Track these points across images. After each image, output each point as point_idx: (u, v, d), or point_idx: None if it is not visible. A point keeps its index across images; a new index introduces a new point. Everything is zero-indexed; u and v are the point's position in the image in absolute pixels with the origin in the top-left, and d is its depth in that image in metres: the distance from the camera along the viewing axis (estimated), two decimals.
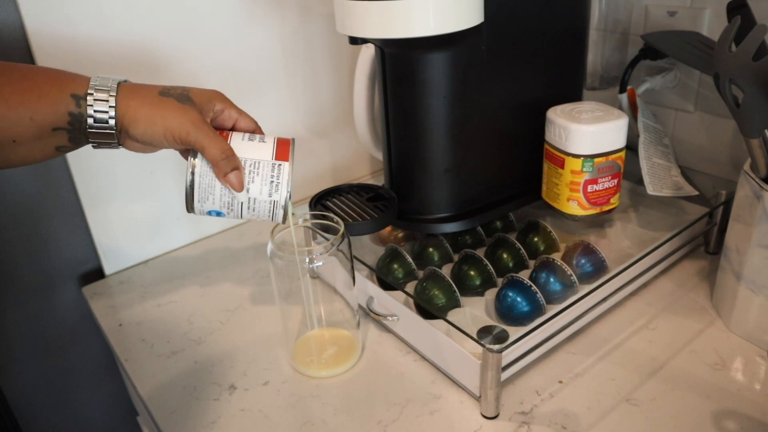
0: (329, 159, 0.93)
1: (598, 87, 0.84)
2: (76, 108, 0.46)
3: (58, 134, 0.46)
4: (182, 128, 0.48)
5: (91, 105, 0.46)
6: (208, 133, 0.48)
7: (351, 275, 0.59)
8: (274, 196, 0.51)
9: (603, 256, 0.64)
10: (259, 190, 0.51)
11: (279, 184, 0.51)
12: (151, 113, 0.47)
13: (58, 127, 0.46)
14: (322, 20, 0.83)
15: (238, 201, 0.51)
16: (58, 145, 0.47)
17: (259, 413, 0.55)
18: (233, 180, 0.50)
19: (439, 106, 0.63)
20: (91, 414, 0.87)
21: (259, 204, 0.52)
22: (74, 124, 0.46)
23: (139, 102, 0.47)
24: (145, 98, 0.48)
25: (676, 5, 0.76)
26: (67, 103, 0.45)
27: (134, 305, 0.71)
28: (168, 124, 0.47)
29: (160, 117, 0.47)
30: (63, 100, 0.45)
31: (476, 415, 0.53)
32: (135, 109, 0.47)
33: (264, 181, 0.51)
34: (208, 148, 0.48)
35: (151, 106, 0.47)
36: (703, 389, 0.54)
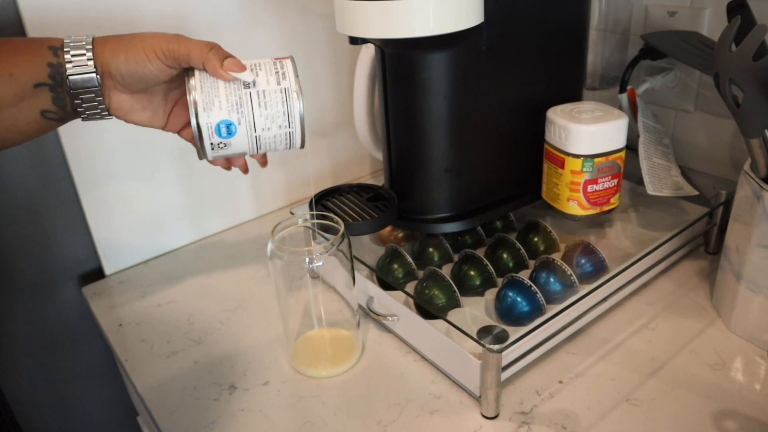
0: (329, 159, 0.93)
1: (598, 87, 0.84)
2: (54, 57, 0.45)
3: (41, 92, 0.45)
4: (162, 41, 0.46)
5: (68, 51, 0.45)
6: (189, 39, 0.47)
7: (351, 275, 0.59)
8: (283, 84, 0.47)
9: (603, 256, 0.64)
10: (266, 80, 0.47)
11: (286, 73, 0.47)
12: (128, 41, 0.46)
13: (40, 83, 0.44)
14: (322, 20, 0.83)
15: (246, 96, 0.47)
16: (43, 108, 0.46)
17: (259, 413, 0.55)
18: (231, 65, 0.47)
19: (439, 106, 0.63)
20: (91, 414, 0.87)
21: (271, 96, 0.47)
22: (55, 76, 0.45)
23: (114, 39, 0.46)
24: (119, 37, 0.47)
25: (676, 5, 0.76)
26: (44, 54, 0.45)
27: (134, 305, 0.71)
28: (146, 43, 0.46)
29: (137, 40, 0.46)
30: (40, 51, 0.45)
31: (476, 415, 0.53)
32: (111, 45, 0.46)
33: (269, 72, 0.47)
34: (194, 48, 0.47)
35: (124, 37, 0.47)
36: (703, 389, 0.54)
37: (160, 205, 0.78)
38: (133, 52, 0.46)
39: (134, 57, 0.46)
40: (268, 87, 0.48)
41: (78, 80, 0.45)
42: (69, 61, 0.45)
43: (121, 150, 0.73)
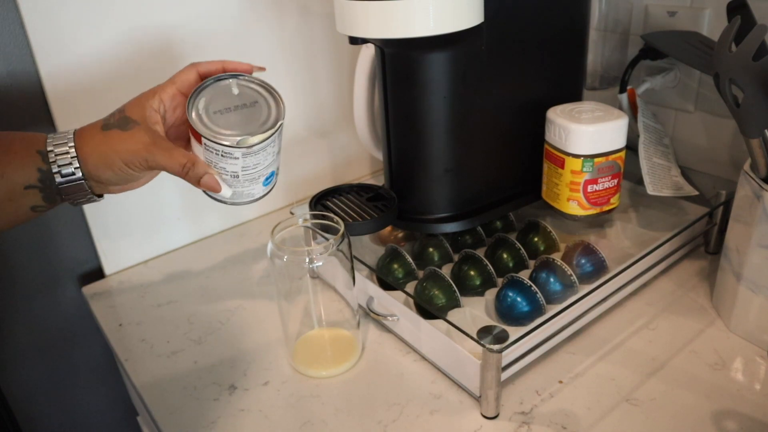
0: (329, 159, 0.93)
1: (598, 87, 0.84)
2: (44, 164, 0.46)
3: (31, 193, 0.46)
4: (137, 157, 0.47)
5: (54, 161, 0.46)
6: (161, 152, 0.48)
7: (351, 275, 0.59)
8: (239, 154, 0.49)
9: (603, 256, 0.64)
10: (232, 165, 0.50)
11: (226, 150, 0.49)
12: (105, 154, 0.47)
13: (30, 185, 0.46)
14: (322, 20, 0.83)
15: (239, 189, 0.51)
16: (33, 204, 0.47)
17: (259, 413, 0.55)
18: (208, 184, 0.49)
19: (439, 106, 0.63)
20: (91, 414, 0.87)
21: (246, 168, 0.50)
22: (44, 181, 0.46)
23: (91, 146, 0.47)
24: (94, 141, 0.47)
25: (676, 5, 0.76)
26: (34, 160, 0.46)
27: (134, 305, 0.71)
28: (123, 158, 0.47)
29: (113, 155, 0.47)
30: (30, 156, 0.46)
31: (476, 415, 0.53)
32: (92, 155, 0.47)
33: (221, 159, 0.49)
34: (168, 167, 0.48)
35: (101, 146, 0.47)
36: (703, 389, 0.54)
37: (160, 205, 0.78)
38: (116, 168, 0.48)
39: (119, 170, 0.48)
40: (243, 175, 0.51)
41: (68, 187, 0.47)
42: (57, 171, 0.46)
43: None
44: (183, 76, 0.51)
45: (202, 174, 0.49)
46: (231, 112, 0.50)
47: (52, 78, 0.66)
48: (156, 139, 0.48)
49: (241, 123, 0.49)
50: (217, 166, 0.50)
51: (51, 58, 0.65)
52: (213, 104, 0.50)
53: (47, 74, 0.66)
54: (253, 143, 0.49)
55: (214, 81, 0.51)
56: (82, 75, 0.68)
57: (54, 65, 0.66)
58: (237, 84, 0.52)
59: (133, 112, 0.49)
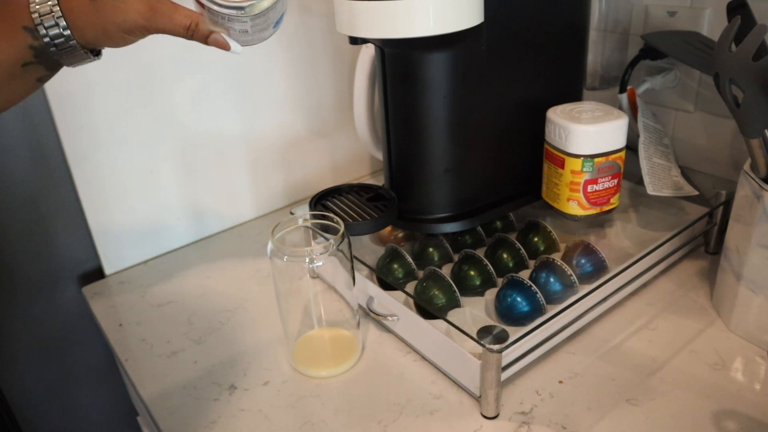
0: (329, 159, 0.93)
1: (598, 87, 0.84)
2: (34, 41, 0.43)
3: (32, 68, 0.44)
4: (137, 26, 0.44)
5: (46, 35, 0.43)
6: (161, 17, 0.44)
7: (351, 275, 0.59)
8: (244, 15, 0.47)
9: (603, 256, 0.64)
10: (240, 25, 0.47)
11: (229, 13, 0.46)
12: (102, 27, 0.44)
13: (27, 62, 0.44)
14: (322, 20, 0.83)
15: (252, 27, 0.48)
16: (38, 76, 0.45)
17: (259, 413, 0.55)
18: (218, 41, 0.47)
19: (439, 106, 0.63)
20: (91, 414, 0.87)
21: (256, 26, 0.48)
22: (40, 56, 0.44)
23: (82, 21, 0.44)
24: (83, 13, 0.44)
25: (676, 5, 0.76)
26: (24, 38, 0.43)
27: (134, 305, 0.71)
28: (120, 25, 0.44)
29: (110, 25, 0.44)
30: (18, 35, 0.43)
31: (476, 415, 0.53)
32: (86, 29, 0.44)
33: (226, 20, 0.47)
34: (171, 31, 0.45)
35: (95, 18, 0.44)
36: (703, 389, 0.54)
37: (160, 205, 0.78)
38: (116, 38, 0.45)
39: (120, 40, 0.45)
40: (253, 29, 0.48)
41: (64, 52, 0.44)
42: (52, 44, 0.43)
43: (121, 150, 0.73)
44: None
45: (207, 34, 0.47)
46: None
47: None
48: (153, 3, 0.45)
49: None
50: (225, 25, 0.47)
51: None
52: None
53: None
54: (260, 10, 0.46)
55: None
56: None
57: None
58: None
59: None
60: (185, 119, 0.77)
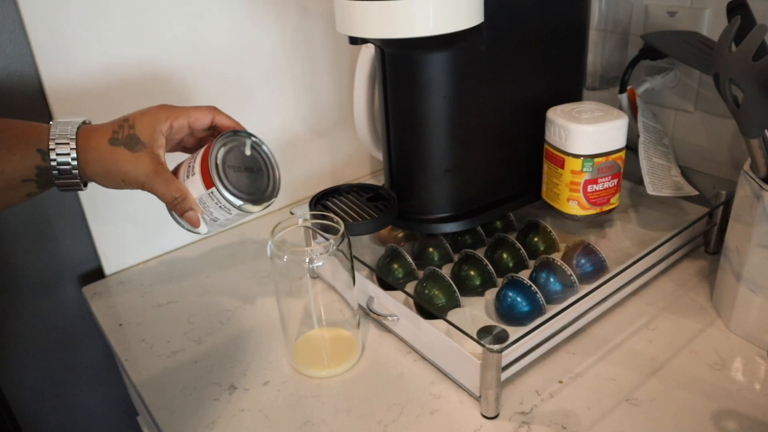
0: (329, 159, 0.93)
1: (598, 87, 0.84)
2: (42, 162, 0.48)
3: (27, 184, 0.49)
4: (137, 180, 0.50)
5: (55, 160, 0.48)
6: (160, 182, 0.51)
7: (351, 275, 0.59)
8: (234, 212, 0.54)
9: (603, 256, 0.64)
10: (221, 215, 0.54)
11: (226, 205, 0.53)
12: (108, 168, 0.50)
13: (27, 179, 0.48)
14: (322, 20, 0.83)
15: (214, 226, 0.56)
16: (28, 192, 0.49)
17: (259, 413, 0.55)
18: (191, 219, 0.53)
19: (439, 106, 0.63)
20: (91, 414, 0.87)
21: (229, 220, 0.56)
22: (41, 176, 0.48)
23: (95, 157, 0.49)
24: (99, 152, 0.49)
25: (676, 5, 0.76)
26: (34, 158, 0.48)
27: (134, 305, 0.71)
28: (124, 177, 0.50)
29: (116, 171, 0.50)
30: (30, 154, 0.48)
31: (476, 415, 0.53)
32: (93, 165, 0.49)
33: (216, 208, 0.54)
34: (161, 196, 0.52)
35: (106, 160, 0.49)
36: (703, 389, 0.54)
37: (160, 205, 0.78)
38: (114, 182, 0.50)
39: (115, 184, 0.51)
40: (223, 219, 0.56)
41: (62, 179, 0.49)
42: (56, 169, 0.48)
43: None
44: (199, 114, 0.54)
45: (187, 209, 0.53)
46: (242, 173, 0.55)
47: (53, 79, 0.66)
48: (158, 169, 0.51)
49: (247, 188, 0.54)
50: (207, 209, 0.54)
51: (52, 59, 0.66)
52: (228, 158, 0.54)
53: (48, 76, 0.66)
54: (251, 211, 0.54)
55: (233, 134, 0.55)
56: (84, 77, 0.68)
57: (55, 67, 0.66)
58: (251, 145, 0.56)
59: (142, 131, 0.51)
60: None
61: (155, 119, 0.52)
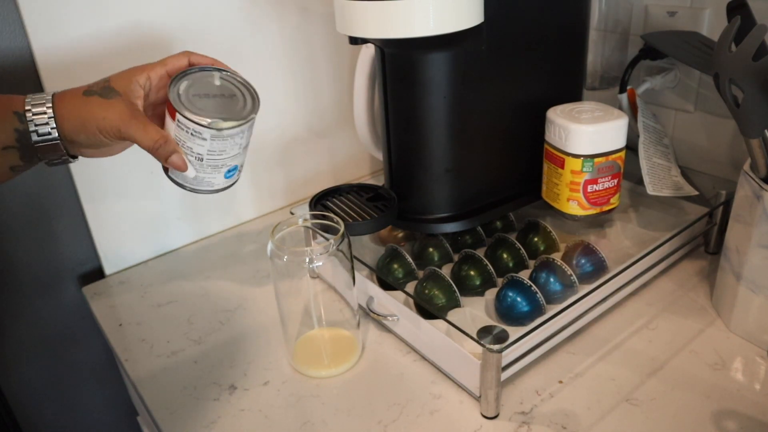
0: (329, 159, 0.93)
1: (598, 87, 0.84)
2: (20, 124, 0.47)
3: (9, 153, 0.47)
4: (112, 126, 0.48)
5: (32, 120, 0.47)
6: (137, 125, 0.49)
7: (351, 275, 0.59)
8: (207, 135, 0.51)
9: (603, 256, 0.64)
10: (198, 146, 0.51)
11: (196, 128, 0.50)
12: (82, 117, 0.48)
13: (8, 146, 0.47)
14: (322, 20, 0.83)
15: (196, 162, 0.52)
16: (12, 164, 0.48)
17: (259, 413, 0.55)
18: (175, 163, 0.51)
19: (439, 106, 0.63)
20: (91, 414, 0.87)
21: (211, 152, 0.52)
22: (21, 140, 0.47)
23: (69, 108, 0.48)
24: (73, 104, 0.48)
25: (676, 5, 0.76)
26: (11, 121, 0.47)
27: (134, 305, 0.71)
28: (99, 124, 0.48)
29: (90, 119, 0.48)
30: (7, 117, 0.47)
31: (476, 415, 0.53)
32: (69, 118, 0.48)
33: (189, 138, 0.51)
34: (141, 141, 0.49)
35: (80, 109, 0.48)
36: (703, 389, 0.54)
37: (160, 205, 0.78)
38: (90, 132, 0.48)
39: (92, 135, 0.49)
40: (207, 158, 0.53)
41: (44, 146, 0.48)
42: (34, 130, 0.47)
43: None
44: (174, 60, 0.53)
45: (170, 152, 0.50)
46: (209, 98, 0.52)
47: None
48: (134, 113, 0.49)
49: (217, 108, 0.51)
50: (185, 145, 0.51)
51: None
52: (194, 88, 0.52)
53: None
54: (223, 127, 0.51)
55: (199, 70, 0.54)
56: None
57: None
58: (220, 77, 0.54)
59: (118, 83, 0.50)
60: None
61: (131, 73, 0.51)
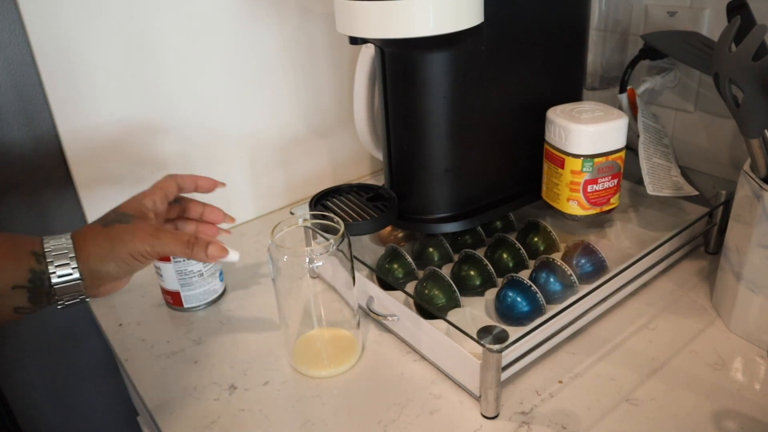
0: (329, 159, 0.93)
1: (598, 87, 0.84)
2: (37, 264, 0.45)
3: (17, 293, 0.45)
4: (144, 245, 0.48)
5: (51, 261, 0.45)
6: (165, 236, 0.49)
7: (351, 275, 0.59)
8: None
9: (603, 256, 0.64)
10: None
11: None
12: (110, 245, 0.47)
13: (18, 286, 0.44)
14: (322, 20, 0.83)
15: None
16: (17, 305, 0.45)
17: (259, 413, 0.55)
18: (216, 254, 0.51)
19: (439, 106, 0.63)
20: (91, 414, 0.87)
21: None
22: (35, 281, 0.45)
23: (93, 241, 0.47)
24: (96, 236, 0.47)
25: (676, 5, 0.76)
26: (28, 260, 0.45)
27: (134, 305, 0.71)
28: (129, 248, 0.47)
29: (119, 244, 0.47)
30: (23, 256, 0.45)
31: (476, 415, 0.53)
32: (94, 251, 0.47)
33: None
34: (175, 249, 0.49)
35: (105, 239, 0.47)
36: (703, 389, 0.54)
37: None
38: (121, 258, 0.47)
39: (123, 262, 0.47)
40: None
41: (62, 287, 0.46)
42: (53, 272, 0.45)
43: (121, 151, 0.73)
44: (165, 184, 0.55)
45: (206, 246, 0.50)
46: None
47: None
48: (157, 228, 0.49)
49: None
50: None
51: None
52: None
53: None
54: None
55: None
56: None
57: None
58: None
59: (129, 209, 0.51)
60: (185, 119, 0.77)
61: (136, 199, 0.52)
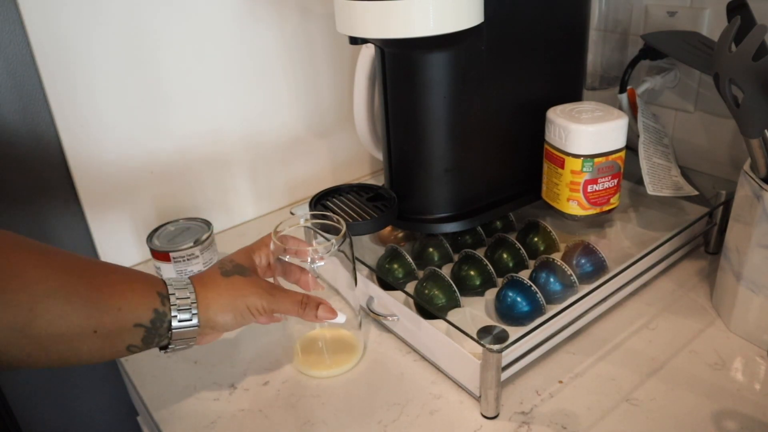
0: (329, 159, 0.93)
1: (598, 87, 0.84)
2: (162, 306, 0.46)
3: (136, 331, 0.45)
4: (261, 300, 0.50)
5: (175, 304, 0.47)
6: (281, 294, 0.51)
7: (353, 276, 0.58)
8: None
9: (603, 256, 0.64)
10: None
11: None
12: (232, 298, 0.49)
13: (140, 324, 0.45)
14: (322, 20, 0.83)
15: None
16: (131, 344, 0.46)
17: (259, 413, 0.55)
18: (324, 315, 0.53)
19: (439, 106, 0.63)
20: (91, 414, 0.87)
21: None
22: (155, 322, 0.46)
23: (215, 291, 0.49)
24: (218, 286, 0.49)
25: (676, 5, 0.76)
26: (153, 300, 0.46)
27: None
28: (247, 302, 0.50)
29: (239, 297, 0.50)
30: (150, 296, 0.46)
31: (476, 415, 0.53)
32: (216, 300, 0.49)
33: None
34: (289, 309, 0.52)
35: (226, 291, 0.50)
36: (703, 389, 0.54)
37: (159, 204, 0.78)
38: (240, 311, 0.50)
39: (241, 315, 0.50)
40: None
41: (179, 332, 0.47)
42: (174, 316, 0.46)
43: (121, 150, 0.73)
44: (269, 241, 0.56)
45: (317, 306, 0.53)
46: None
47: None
48: (271, 285, 0.52)
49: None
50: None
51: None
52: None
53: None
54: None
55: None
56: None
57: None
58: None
59: (243, 261, 0.53)
60: (185, 119, 0.77)
61: (247, 251, 0.55)
